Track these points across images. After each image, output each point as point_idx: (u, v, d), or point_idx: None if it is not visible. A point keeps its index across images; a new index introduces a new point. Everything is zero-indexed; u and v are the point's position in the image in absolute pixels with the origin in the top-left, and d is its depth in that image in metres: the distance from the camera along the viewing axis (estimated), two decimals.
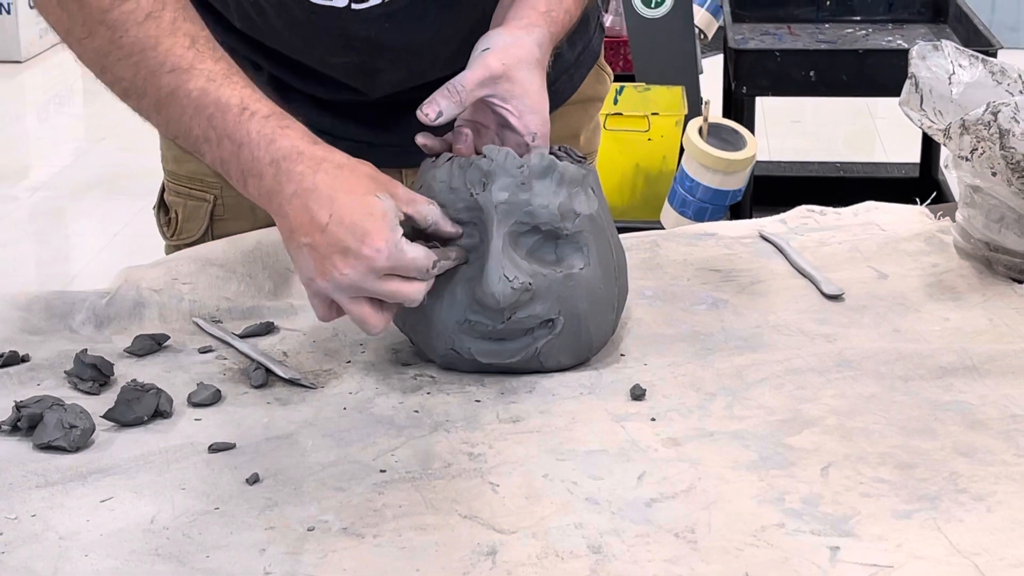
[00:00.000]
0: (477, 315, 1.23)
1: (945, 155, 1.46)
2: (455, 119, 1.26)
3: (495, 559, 0.99)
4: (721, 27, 3.59)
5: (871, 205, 1.63)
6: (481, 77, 1.24)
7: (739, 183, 3.01)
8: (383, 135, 1.49)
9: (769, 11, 3.67)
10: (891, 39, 3.49)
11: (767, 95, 3.41)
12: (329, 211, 1.16)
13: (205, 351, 1.31)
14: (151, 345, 1.31)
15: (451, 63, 1.30)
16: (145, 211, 1.64)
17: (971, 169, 1.41)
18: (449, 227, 1.22)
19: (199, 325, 1.35)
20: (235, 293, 1.40)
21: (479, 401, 1.22)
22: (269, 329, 1.35)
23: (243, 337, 1.33)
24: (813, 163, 4.14)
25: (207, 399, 1.21)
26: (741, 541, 1.01)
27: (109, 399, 1.19)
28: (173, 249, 1.56)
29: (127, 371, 1.26)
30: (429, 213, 1.21)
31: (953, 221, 1.52)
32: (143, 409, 1.17)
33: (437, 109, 1.22)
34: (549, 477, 1.09)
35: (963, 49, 1.50)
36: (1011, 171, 1.38)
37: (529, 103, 1.25)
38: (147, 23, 1.22)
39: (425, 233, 1.22)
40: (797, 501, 1.06)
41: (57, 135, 5.38)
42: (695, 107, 3.21)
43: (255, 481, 1.09)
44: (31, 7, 5.93)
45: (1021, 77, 1.49)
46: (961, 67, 1.48)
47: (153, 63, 1.21)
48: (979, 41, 3.20)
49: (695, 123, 3.01)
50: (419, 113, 1.22)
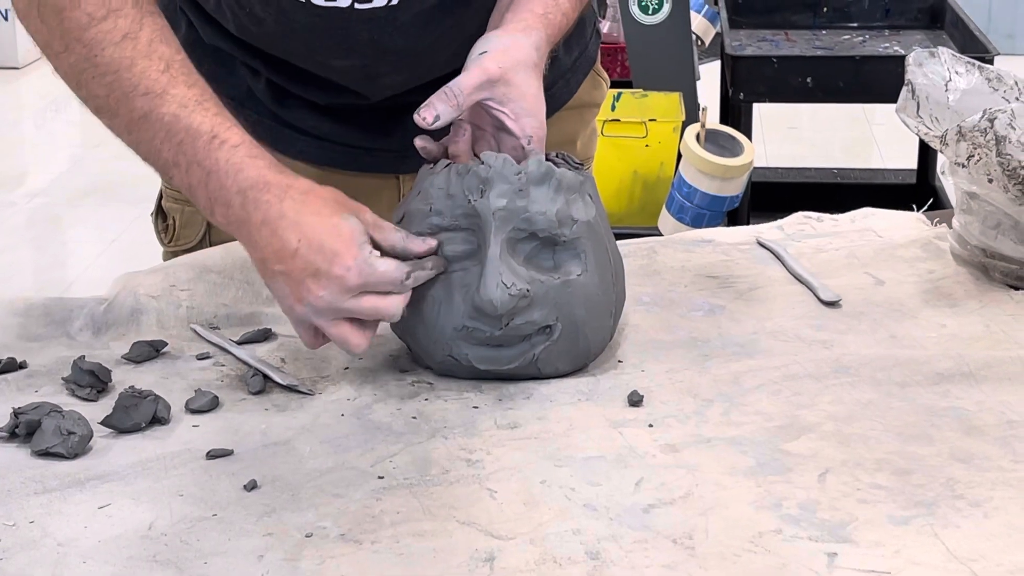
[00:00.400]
0: (475, 322, 1.23)
1: (942, 161, 1.46)
2: (451, 123, 1.26)
3: (493, 565, 0.99)
4: (718, 33, 3.60)
5: (868, 211, 1.63)
6: (479, 81, 1.24)
7: (736, 189, 3.01)
8: (381, 140, 1.49)
9: (766, 18, 3.67)
10: (888, 46, 3.49)
11: (764, 101, 3.41)
12: (297, 236, 1.17)
13: (203, 357, 1.31)
14: (149, 352, 1.31)
15: (452, 66, 1.30)
16: (142, 217, 1.64)
17: (967, 176, 1.41)
18: (419, 246, 1.22)
19: (197, 332, 1.36)
20: (233, 300, 1.40)
21: (477, 407, 1.22)
22: (267, 336, 1.35)
23: (241, 343, 1.33)
24: (810, 169, 4.15)
25: (205, 405, 1.21)
26: (739, 547, 1.01)
27: (107, 406, 1.19)
28: (170, 255, 1.56)
29: (125, 378, 1.26)
30: (396, 241, 1.21)
31: (950, 227, 1.53)
32: (141, 416, 1.17)
33: (434, 113, 1.22)
34: (547, 483, 1.09)
35: (960, 56, 1.50)
36: (1007, 177, 1.38)
37: (526, 106, 1.26)
38: (124, 43, 1.22)
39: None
40: (794, 507, 1.06)
41: (54, 141, 5.38)
42: (692, 113, 3.21)
43: (253, 487, 1.09)
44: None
45: (1017, 84, 1.49)
46: (957, 74, 1.48)
47: (127, 85, 1.22)
48: (975, 48, 3.21)
49: (692, 129, 3.01)
50: (416, 117, 1.22)
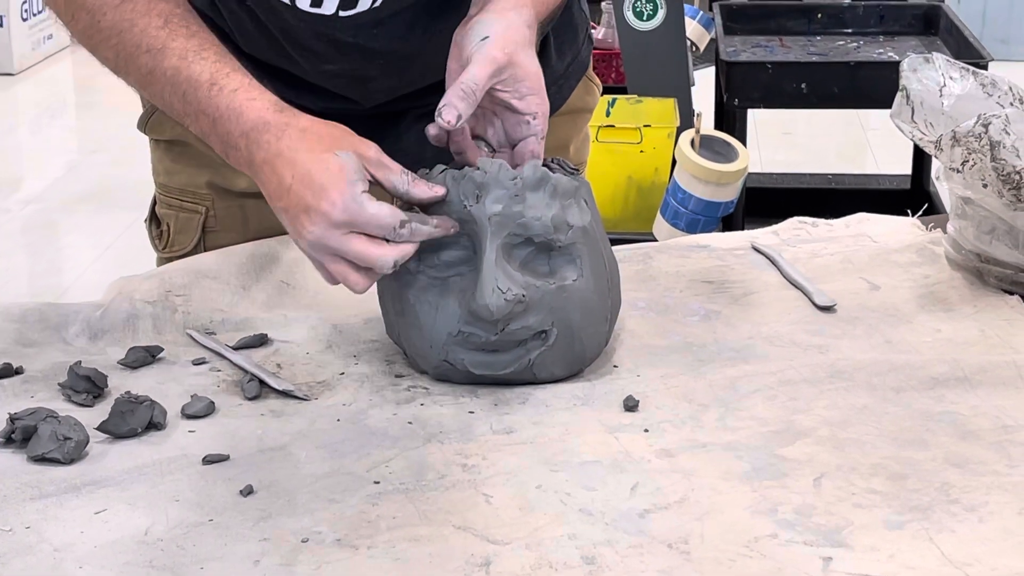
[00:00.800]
0: (470, 327, 1.23)
1: (936, 167, 1.47)
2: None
3: (489, 570, 0.99)
4: (713, 39, 3.61)
5: (863, 217, 1.63)
6: (491, 71, 1.24)
7: (731, 195, 3.02)
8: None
9: (761, 24, 3.68)
10: (882, 51, 3.50)
11: (759, 107, 3.42)
12: (291, 172, 1.20)
13: (199, 363, 1.31)
14: (145, 357, 1.31)
15: (443, 70, 1.30)
16: (138, 223, 1.64)
17: (962, 181, 1.41)
18: (423, 191, 1.22)
19: (193, 337, 1.36)
20: (229, 305, 1.40)
21: (473, 412, 1.22)
22: (263, 341, 1.35)
23: (237, 349, 1.33)
24: (805, 175, 4.15)
25: (201, 411, 1.21)
26: (734, 552, 1.01)
27: (103, 411, 1.19)
28: (164, 262, 1.56)
29: (121, 383, 1.26)
30: (398, 182, 1.21)
31: (944, 232, 1.53)
32: (137, 421, 1.17)
33: (456, 113, 1.21)
34: (542, 488, 1.09)
35: (954, 61, 1.50)
36: (1002, 183, 1.38)
37: (530, 85, 1.26)
38: (123, 5, 1.26)
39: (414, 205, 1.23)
40: (790, 512, 1.06)
41: (50, 147, 5.38)
42: (687, 119, 3.22)
43: (249, 493, 1.09)
44: (23, 20, 5.94)
45: (1012, 89, 1.50)
46: (952, 79, 1.48)
47: (130, 45, 1.26)
48: (970, 53, 3.21)
49: (687, 135, 3.02)
50: (438, 120, 1.21)
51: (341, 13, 1.35)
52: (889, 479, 1.10)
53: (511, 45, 1.25)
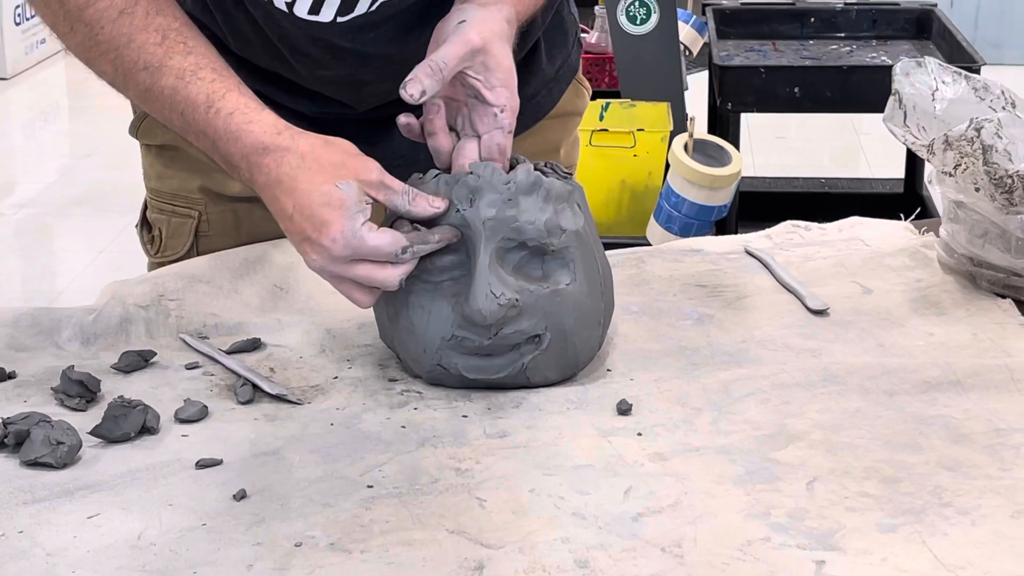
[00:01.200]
0: (464, 331, 1.23)
1: (929, 171, 1.47)
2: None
3: (482, 574, 0.99)
4: (706, 44, 3.60)
5: (856, 220, 1.64)
6: (463, 52, 1.24)
7: (724, 199, 3.02)
8: (368, 150, 1.48)
9: (754, 28, 3.68)
10: (875, 56, 3.50)
11: (752, 111, 3.42)
12: (292, 201, 1.20)
13: (192, 367, 1.31)
14: (138, 361, 1.31)
15: None
16: (131, 228, 1.64)
17: (955, 185, 1.42)
18: (425, 209, 1.22)
19: (186, 341, 1.35)
20: (222, 309, 1.40)
21: (466, 416, 1.22)
22: (256, 345, 1.35)
23: (230, 353, 1.33)
24: (798, 179, 4.15)
25: (194, 415, 1.21)
26: (727, 555, 1.01)
27: (96, 415, 1.19)
28: (156, 267, 1.56)
29: (114, 387, 1.26)
30: (400, 204, 1.22)
31: (937, 236, 1.53)
32: (130, 425, 1.17)
33: (420, 88, 1.22)
34: (536, 492, 1.09)
35: (946, 65, 1.51)
36: (994, 186, 1.38)
37: (501, 77, 1.26)
38: (120, 20, 1.25)
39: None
40: (783, 515, 1.06)
41: (42, 152, 5.37)
42: (680, 123, 3.22)
43: (242, 497, 1.09)
44: (16, 24, 5.93)
45: (1004, 93, 1.50)
46: (944, 83, 1.49)
47: (128, 61, 1.26)
48: (962, 58, 3.22)
49: (680, 139, 3.02)
50: (402, 92, 1.22)
51: (339, 19, 1.35)
52: (882, 482, 1.10)
53: (487, 32, 1.26)
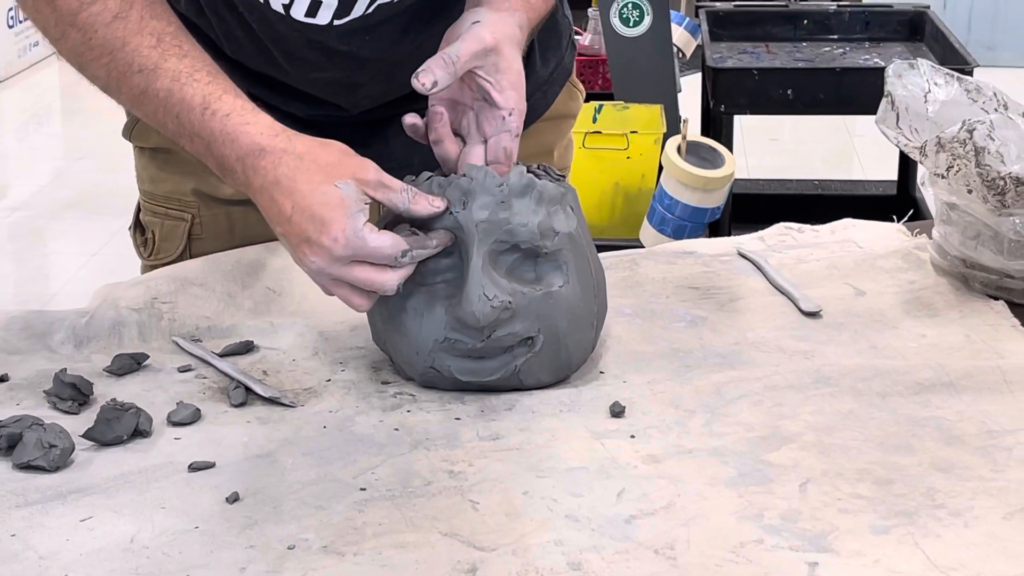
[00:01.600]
0: (457, 333, 1.23)
1: (922, 173, 1.47)
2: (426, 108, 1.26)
3: None
4: (699, 46, 3.61)
5: (848, 222, 1.64)
6: (476, 49, 1.24)
7: (718, 201, 3.02)
8: (362, 153, 1.48)
9: (747, 30, 3.68)
10: (868, 58, 3.51)
11: (745, 113, 3.42)
12: (291, 202, 1.19)
13: (185, 370, 1.31)
14: (130, 364, 1.30)
15: None
16: (124, 230, 1.63)
17: (947, 186, 1.42)
18: (424, 208, 1.22)
19: (178, 344, 1.35)
20: (215, 312, 1.40)
21: (459, 419, 1.22)
22: (249, 348, 1.35)
23: (223, 356, 1.33)
24: (791, 181, 4.16)
25: (187, 418, 1.21)
26: (720, 557, 1.01)
27: (88, 418, 1.19)
28: (149, 269, 1.56)
29: (106, 390, 1.26)
30: (399, 202, 1.21)
31: (930, 238, 1.53)
32: (123, 428, 1.17)
33: (432, 78, 1.22)
34: (529, 494, 1.09)
35: (939, 67, 1.51)
36: (986, 188, 1.38)
37: (511, 79, 1.26)
38: (114, 24, 1.25)
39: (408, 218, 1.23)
40: (776, 517, 1.06)
41: (35, 154, 5.37)
42: (674, 125, 3.22)
43: (235, 500, 1.09)
44: (9, 27, 5.93)
45: (996, 95, 1.50)
46: (937, 85, 1.49)
47: (122, 64, 1.25)
48: (955, 59, 3.22)
49: (674, 141, 3.02)
50: (414, 81, 1.22)
51: (335, 22, 1.35)
52: (875, 484, 1.10)
53: (500, 34, 1.26)
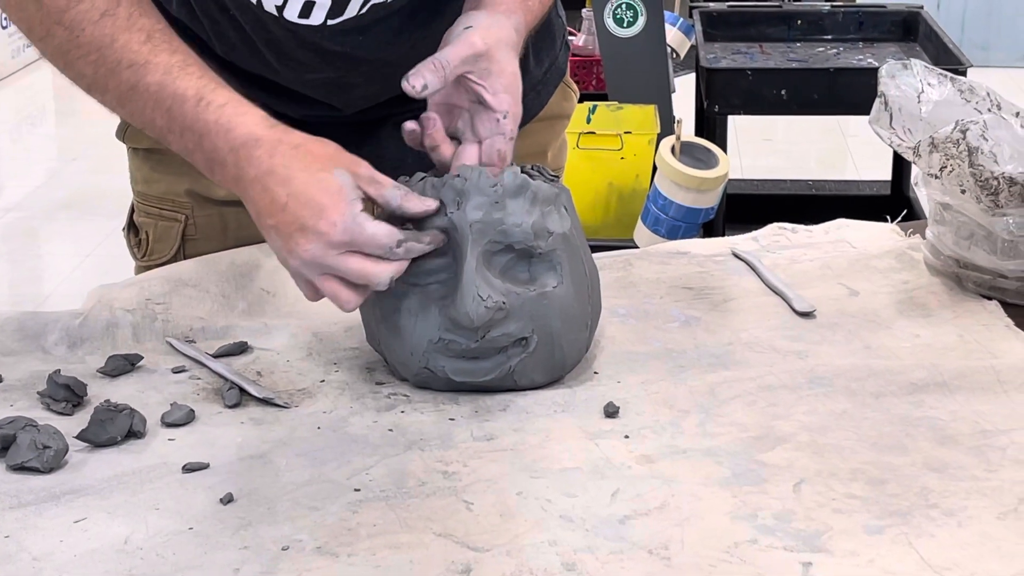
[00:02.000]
0: (451, 334, 1.23)
1: (915, 173, 1.47)
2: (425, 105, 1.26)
3: None
4: (693, 46, 3.61)
5: (842, 223, 1.64)
6: (466, 54, 1.24)
7: (712, 201, 3.02)
8: (355, 153, 1.49)
9: (740, 30, 3.69)
10: (861, 58, 3.51)
11: (739, 114, 3.43)
12: (287, 190, 1.19)
13: (178, 371, 1.31)
14: (124, 365, 1.30)
15: None
16: (118, 231, 1.64)
17: (940, 187, 1.42)
18: (417, 205, 1.22)
19: (172, 345, 1.35)
20: (208, 313, 1.40)
21: (453, 420, 1.22)
22: (243, 349, 1.35)
23: (217, 357, 1.33)
24: (785, 181, 4.16)
25: (181, 419, 1.21)
26: (714, 557, 1.01)
27: (82, 419, 1.19)
28: (143, 270, 1.56)
29: (100, 391, 1.26)
30: (392, 198, 1.22)
31: (923, 238, 1.53)
32: (116, 429, 1.17)
33: (422, 82, 1.23)
34: (523, 495, 1.09)
35: (932, 68, 1.51)
36: (980, 188, 1.39)
37: (505, 83, 1.27)
38: (103, 21, 1.25)
39: (401, 217, 1.22)
40: (770, 517, 1.06)
41: (29, 155, 5.36)
42: (668, 126, 3.22)
43: (229, 501, 1.09)
44: (3, 27, 5.92)
45: (989, 95, 1.50)
46: (930, 85, 1.49)
47: (111, 60, 1.25)
48: (949, 60, 3.22)
49: (668, 142, 3.02)
50: (404, 84, 1.23)
51: (329, 23, 1.35)
52: (868, 484, 1.10)
53: (492, 38, 1.26)
